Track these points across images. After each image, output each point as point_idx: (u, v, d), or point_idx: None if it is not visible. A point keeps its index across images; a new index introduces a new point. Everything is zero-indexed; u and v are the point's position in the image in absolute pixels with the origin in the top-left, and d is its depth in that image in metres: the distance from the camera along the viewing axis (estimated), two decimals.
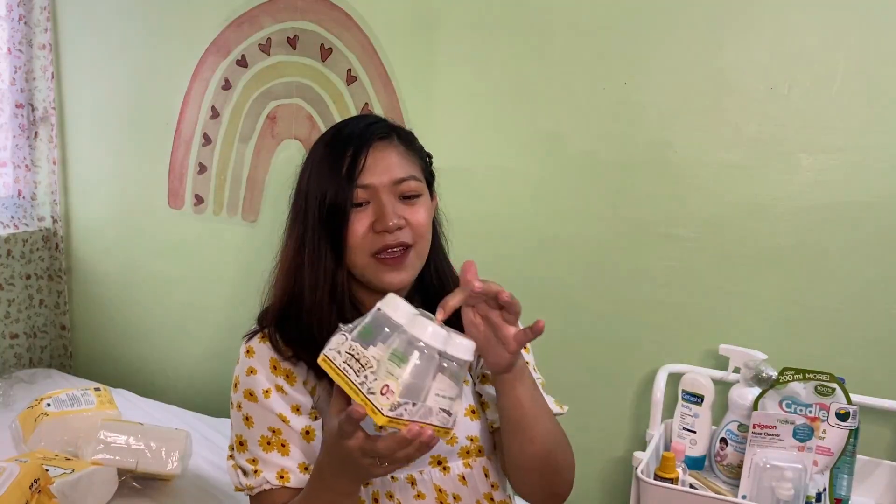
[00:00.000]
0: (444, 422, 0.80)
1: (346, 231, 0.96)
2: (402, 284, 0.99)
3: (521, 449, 0.98)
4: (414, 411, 0.77)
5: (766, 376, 1.33)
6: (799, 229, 1.45)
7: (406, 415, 0.77)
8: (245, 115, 1.99)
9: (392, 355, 0.77)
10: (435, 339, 0.78)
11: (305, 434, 0.98)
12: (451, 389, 0.80)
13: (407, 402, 0.76)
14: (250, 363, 0.99)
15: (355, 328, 0.83)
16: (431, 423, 0.78)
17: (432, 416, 0.78)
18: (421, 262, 1.01)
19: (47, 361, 2.34)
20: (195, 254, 2.14)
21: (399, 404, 0.76)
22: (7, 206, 2.25)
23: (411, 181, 0.98)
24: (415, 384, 0.77)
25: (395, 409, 0.76)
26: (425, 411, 0.78)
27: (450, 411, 0.80)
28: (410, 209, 0.98)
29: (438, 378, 0.78)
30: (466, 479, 1.02)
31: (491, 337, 0.89)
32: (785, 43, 1.43)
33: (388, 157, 0.98)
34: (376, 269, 0.97)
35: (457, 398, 0.81)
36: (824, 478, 1.28)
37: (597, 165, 1.60)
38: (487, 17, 1.66)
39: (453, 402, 0.81)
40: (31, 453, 1.47)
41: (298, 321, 0.98)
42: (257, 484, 0.98)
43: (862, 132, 1.39)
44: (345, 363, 0.81)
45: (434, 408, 0.78)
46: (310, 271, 0.98)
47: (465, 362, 0.80)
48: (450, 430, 0.81)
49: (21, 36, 2.18)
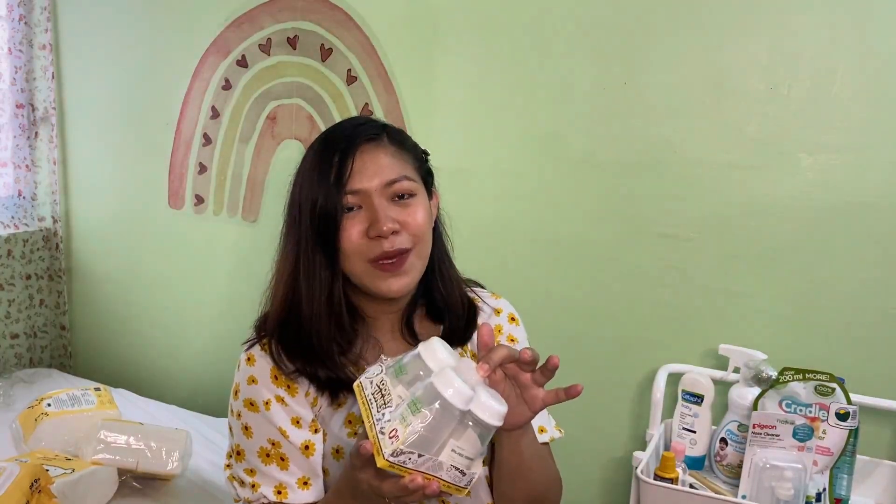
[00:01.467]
0: (454, 479, 0.77)
1: (339, 238, 0.93)
2: (403, 290, 0.96)
3: (513, 490, 0.97)
4: (420, 462, 0.74)
5: (765, 376, 1.33)
6: (799, 229, 1.45)
7: (410, 464, 0.74)
8: (245, 115, 1.99)
9: (412, 402, 0.75)
10: (457, 398, 0.74)
11: (305, 449, 0.96)
12: (471, 449, 0.77)
13: (412, 451, 0.74)
14: (251, 372, 0.97)
15: (394, 363, 0.81)
16: (440, 477, 0.75)
17: (442, 472, 0.75)
18: (423, 263, 0.98)
19: (47, 361, 2.34)
20: (195, 254, 2.13)
21: (401, 452, 0.73)
22: (7, 206, 2.25)
23: (404, 181, 0.95)
24: (426, 437, 0.74)
25: (396, 455, 0.73)
26: (434, 465, 0.75)
27: (464, 470, 0.77)
28: (405, 210, 0.95)
29: (460, 435, 0.75)
30: (470, 491, 1.02)
31: (512, 395, 0.86)
32: (785, 43, 1.43)
33: (377, 159, 0.95)
34: (374, 275, 0.94)
35: (477, 458, 0.78)
36: (824, 478, 1.28)
37: (597, 165, 1.60)
38: (487, 17, 1.66)
39: (472, 462, 0.77)
40: (31, 453, 1.47)
41: (298, 332, 0.96)
42: (255, 498, 0.96)
43: (862, 132, 1.39)
44: (372, 395, 0.79)
45: (446, 464, 0.75)
46: (306, 283, 0.96)
47: (490, 427, 0.77)
48: (463, 489, 0.78)
49: (21, 36, 2.18)
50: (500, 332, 1.08)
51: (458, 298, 1.05)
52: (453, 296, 1.04)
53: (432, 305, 1.05)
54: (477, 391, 0.77)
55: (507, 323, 1.09)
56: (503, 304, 1.11)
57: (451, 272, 1.06)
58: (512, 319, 1.10)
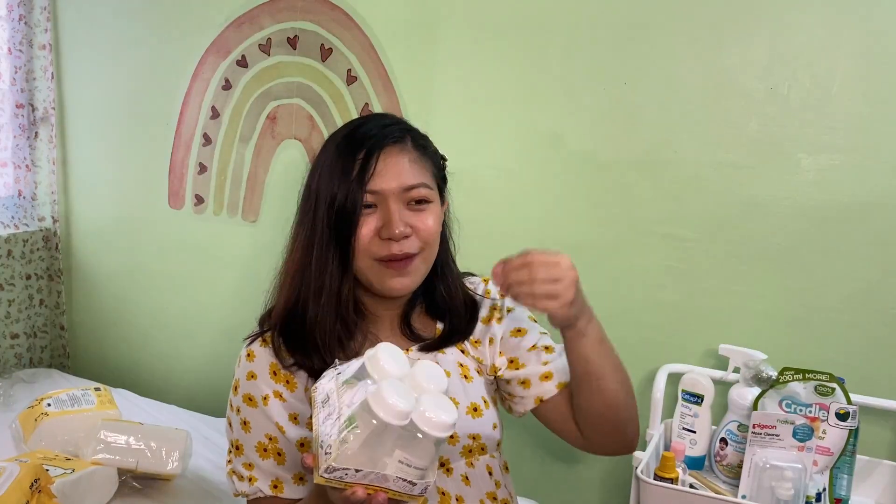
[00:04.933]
0: (404, 489, 0.76)
1: (353, 236, 0.95)
2: (404, 291, 0.98)
3: (588, 402, 0.98)
4: (360, 477, 0.74)
5: (765, 376, 1.33)
6: (799, 229, 1.45)
7: (348, 478, 0.74)
8: (245, 115, 1.99)
9: (349, 418, 0.74)
10: (390, 415, 0.72)
11: (300, 446, 0.97)
12: (422, 458, 0.75)
13: (347, 468, 0.73)
14: (251, 367, 0.98)
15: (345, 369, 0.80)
16: (388, 487, 0.75)
17: (389, 483, 0.75)
18: (427, 267, 1.00)
19: (47, 361, 2.34)
20: (195, 254, 2.13)
21: (335, 469, 0.73)
22: (7, 206, 2.25)
23: (421, 188, 0.97)
24: (362, 453, 0.73)
25: (330, 472, 0.73)
26: (378, 478, 0.74)
27: (414, 481, 0.75)
28: (418, 216, 0.97)
29: (406, 445, 0.74)
30: (469, 479, 1.02)
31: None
32: (785, 43, 1.43)
33: (399, 163, 0.96)
34: (380, 272, 0.96)
35: (431, 465, 0.77)
36: (824, 478, 1.28)
37: (597, 165, 1.60)
38: (487, 16, 1.66)
39: (424, 472, 0.76)
40: (31, 453, 1.47)
41: (302, 327, 0.97)
42: (252, 492, 0.98)
43: (862, 132, 1.39)
44: (321, 402, 0.79)
45: (392, 476, 0.74)
46: (316, 275, 0.96)
47: (434, 437, 0.75)
48: (418, 497, 0.77)
49: (21, 36, 2.18)
50: (498, 311, 1.11)
51: (461, 299, 1.08)
52: (456, 297, 1.07)
53: (432, 304, 1.07)
54: (422, 401, 0.75)
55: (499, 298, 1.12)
56: (491, 286, 1.13)
57: (454, 275, 1.08)
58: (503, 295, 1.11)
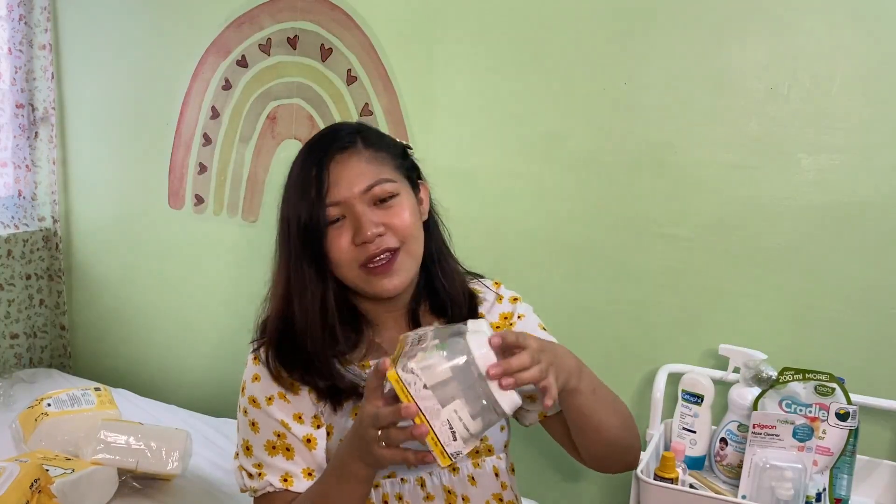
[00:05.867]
0: (444, 437, 0.78)
1: (326, 251, 0.96)
2: (396, 289, 0.98)
3: (588, 443, 1.00)
4: (423, 395, 0.77)
5: (765, 376, 1.32)
6: (799, 229, 1.45)
7: (412, 389, 0.77)
8: (245, 115, 1.99)
9: (440, 344, 0.80)
10: (482, 359, 0.78)
11: (307, 442, 0.99)
12: (472, 422, 0.78)
13: (420, 378, 0.77)
14: (256, 370, 1.01)
15: (443, 327, 0.86)
16: (433, 425, 0.77)
17: (436, 422, 0.77)
18: (414, 261, 1.00)
19: (47, 361, 2.34)
20: (195, 254, 2.13)
21: (412, 370, 0.77)
22: (7, 206, 2.25)
23: (383, 184, 0.97)
24: (438, 374, 0.77)
25: (406, 370, 0.77)
26: (433, 410, 0.77)
27: (456, 435, 0.78)
28: (389, 212, 0.97)
29: (466, 402, 0.77)
30: (476, 480, 1.02)
31: None
32: (785, 43, 1.42)
33: (351, 168, 0.96)
34: (367, 279, 0.97)
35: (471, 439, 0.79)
36: (824, 478, 1.28)
37: (597, 165, 1.60)
38: (488, 16, 1.66)
39: (466, 436, 0.78)
40: (31, 453, 1.47)
41: (293, 344, 0.99)
42: (261, 486, 0.99)
43: (862, 132, 1.39)
44: (415, 335, 0.85)
45: (443, 417, 0.77)
46: (298, 297, 0.98)
47: (501, 410, 0.79)
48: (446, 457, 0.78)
49: (21, 36, 2.18)
50: (509, 318, 1.10)
51: (459, 289, 1.07)
52: (454, 288, 1.06)
53: (435, 299, 1.07)
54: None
55: (510, 304, 1.12)
56: (503, 291, 1.13)
57: (450, 263, 1.08)
58: (514, 300, 1.12)
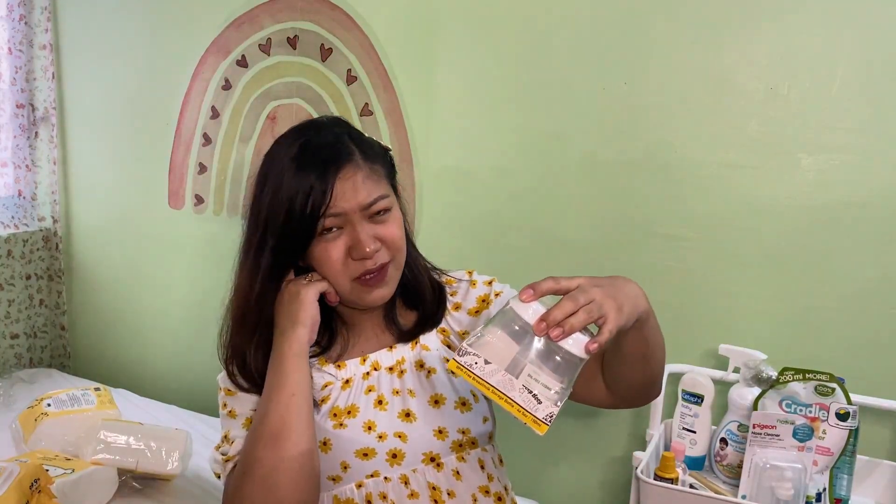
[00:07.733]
0: (528, 404, 0.77)
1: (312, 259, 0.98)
2: (385, 300, 1.01)
3: (632, 373, 0.99)
4: (489, 371, 0.77)
5: (765, 376, 1.33)
6: (799, 229, 1.45)
7: (476, 369, 0.77)
8: (245, 115, 1.99)
9: (489, 319, 0.82)
10: (526, 312, 0.79)
11: None
12: (551, 379, 0.78)
13: (478, 355, 0.77)
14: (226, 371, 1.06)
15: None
16: (512, 398, 0.77)
17: (514, 393, 0.77)
18: (399, 271, 1.02)
19: (47, 361, 2.34)
20: (195, 254, 2.13)
21: (467, 352, 0.78)
22: (7, 206, 2.25)
23: (381, 201, 0.97)
24: (493, 343, 0.78)
25: (461, 354, 0.78)
26: (506, 382, 0.77)
27: (540, 399, 0.77)
28: (383, 227, 0.98)
29: (538, 362, 0.78)
30: (461, 474, 1.02)
31: None
32: (785, 43, 1.42)
33: (355, 182, 0.95)
34: (359, 291, 0.98)
35: (556, 394, 0.78)
36: (824, 478, 1.28)
37: (597, 165, 1.60)
38: (487, 16, 1.66)
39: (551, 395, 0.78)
40: (31, 453, 1.47)
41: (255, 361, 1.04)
42: (234, 452, 0.99)
43: (862, 132, 1.39)
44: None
45: (518, 385, 0.77)
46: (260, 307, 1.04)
47: (576, 358, 0.78)
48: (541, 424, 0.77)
49: (21, 36, 2.18)
50: (486, 300, 1.09)
51: (427, 283, 1.09)
52: (422, 282, 1.08)
53: (406, 294, 1.08)
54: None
55: (485, 287, 1.11)
56: (477, 276, 1.13)
57: (417, 259, 1.09)
58: (489, 283, 1.12)
